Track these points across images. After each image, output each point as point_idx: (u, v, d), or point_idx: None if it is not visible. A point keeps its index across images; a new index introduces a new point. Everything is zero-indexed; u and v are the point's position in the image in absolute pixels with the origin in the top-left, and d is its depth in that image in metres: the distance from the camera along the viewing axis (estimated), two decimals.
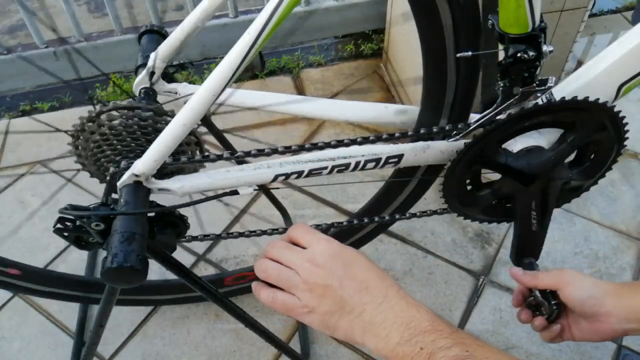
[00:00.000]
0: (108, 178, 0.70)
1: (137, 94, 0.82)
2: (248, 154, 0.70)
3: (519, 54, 0.65)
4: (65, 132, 0.72)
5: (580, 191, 0.84)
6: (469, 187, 0.80)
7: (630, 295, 0.67)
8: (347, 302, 0.54)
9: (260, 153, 0.69)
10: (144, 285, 0.78)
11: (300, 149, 0.71)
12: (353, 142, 0.71)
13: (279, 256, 0.58)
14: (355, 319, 0.53)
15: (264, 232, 0.87)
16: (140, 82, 0.82)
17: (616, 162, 0.79)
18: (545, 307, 0.73)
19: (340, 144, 0.71)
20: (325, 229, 0.82)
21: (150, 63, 0.81)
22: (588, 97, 0.67)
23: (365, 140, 0.71)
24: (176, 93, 0.85)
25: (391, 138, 0.72)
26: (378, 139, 0.71)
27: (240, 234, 0.86)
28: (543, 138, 0.74)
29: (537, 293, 0.75)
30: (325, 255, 0.56)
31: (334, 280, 0.54)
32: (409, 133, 0.74)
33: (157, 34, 0.90)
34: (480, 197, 0.81)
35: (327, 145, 0.71)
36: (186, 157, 0.70)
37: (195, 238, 0.85)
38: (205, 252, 1.33)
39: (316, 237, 0.58)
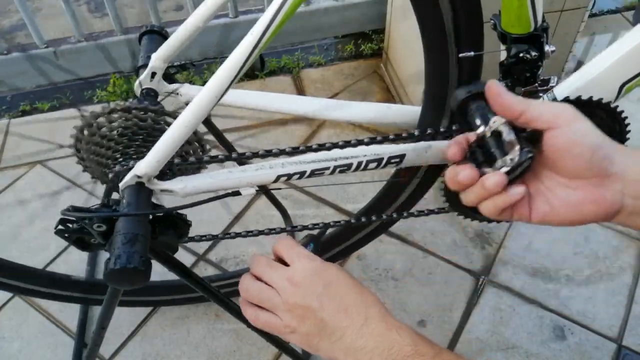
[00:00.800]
0: (110, 179, 0.69)
1: (138, 95, 0.82)
2: (244, 155, 0.70)
3: (521, 54, 0.65)
4: (78, 109, 0.71)
5: None
6: None
7: None
8: (327, 324, 0.53)
9: (257, 155, 0.69)
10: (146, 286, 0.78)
11: (295, 150, 0.71)
12: (349, 143, 0.71)
13: (261, 274, 0.58)
14: (337, 342, 0.52)
15: (264, 231, 0.87)
16: (141, 82, 0.82)
17: None
18: (514, 153, 0.49)
19: (339, 145, 0.70)
20: (315, 237, 0.79)
21: (151, 64, 0.81)
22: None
23: (363, 142, 0.71)
24: (177, 94, 0.85)
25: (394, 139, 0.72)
26: (372, 140, 0.71)
27: (249, 233, 0.86)
28: None
29: (507, 132, 0.50)
30: (305, 273, 0.55)
31: (313, 300, 0.53)
32: (403, 135, 0.74)
33: (158, 35, 0.90)
34: None
35: (323, 147, 0.71)
36: (184, 158, 0.70)
37: (202, 237, 0.85)
38: (205, 252, 1.33)
39: (297, 254, 0.57)
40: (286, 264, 0.58)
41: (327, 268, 0.56)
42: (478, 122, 0.53)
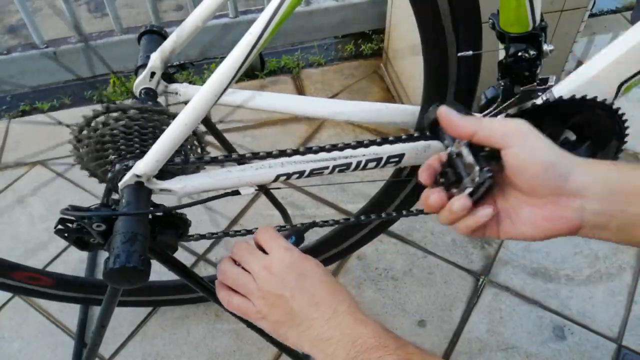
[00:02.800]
0: (109, 178, 0.69)
1: (137, 95, 0.82)
2: (245, 156, 0.70)
3: (519, 53, 0.65)
4: (68, 126, 0.71)
5: None
6: None
7: (612, 169, 0.47)
8: (297, 314, 0.54)
9: (258, 156, 0.69)
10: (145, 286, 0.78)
11: (295, 152, 0.71)
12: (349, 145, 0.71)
13: (240, 259, 0.59)
14: (304, 333, 0.54)
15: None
16: (140, 82, 0.82)
17: None
18: (474, 174, 0.49)
19: (336, 147, 0.70)
20: (298, 231, 0.79)
21: (150, 63, 0.81)
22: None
23: (363, 144, 0.71)
24: (177, 93, 0.85)
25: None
26: (370, 142, 0.71)
27: (249, 232, 0.86)
28: None
29: (466, 153, 0.50)
30: (282, 265, 0.56)
31: (286, 290, 0.55)
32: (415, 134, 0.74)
33: (157, 34, 0.90)
34: None
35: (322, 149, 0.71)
36: (186, 158, 0.70)
37: (203, 236, 0.85)
38: (205, 252, 1.33)
39: (277, 244, 0.59)
40: (266, 253, 0.59)
41: (304, 261, 0.58)
42: (446, 142, 0.54)
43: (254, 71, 1.75)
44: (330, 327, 0.52)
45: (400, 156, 0.75)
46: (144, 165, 0.66)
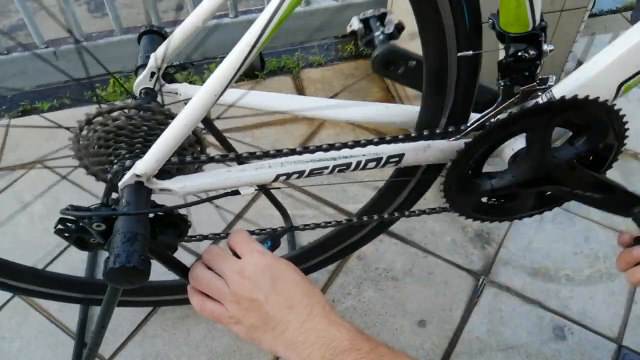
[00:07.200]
0: (109, 178, 0.69)
1: (137, 95, 0.82)
2: (245, 156, 0.70)
3: (519, 53, 0.65)
4: (67, 128, 0.72)
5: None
6: None
7: None
8: (272, 318, 0.54)
9: (259, 155, 0.69)
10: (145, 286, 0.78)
11: (293, 152, 0.71)
12: (355, 144, 0.71)
13: (213, 264, 0.59)
14: (279, 336, 0.54)
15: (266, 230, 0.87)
16: (140, 82, 0.82)
17: None
18: None
19: (338, 146, 0.70)
20: (274, 236, 0.79)
21: (150, 63, 0.81)
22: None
23: (366, 143, 0.71)
24: (177, 93, 0.85)
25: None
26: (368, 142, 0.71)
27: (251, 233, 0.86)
28: None
29: None
30: (255, 268, 0.56)
31: (260, 294, 0.55)
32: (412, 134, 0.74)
33: (157, 34, 0.90)
34: None
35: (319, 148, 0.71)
36: (188, 158, 0.70)
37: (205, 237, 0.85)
38: None
39: (250, 248, 0.59)
40: (239, 257, 0.59)
41: (277, 264, 0.58)
42: None
43: (254, 71, 1.74)
44: (305, 330, 0.53)
45: (400, 156, 0.75)
46: (144, 165, 0.66)
